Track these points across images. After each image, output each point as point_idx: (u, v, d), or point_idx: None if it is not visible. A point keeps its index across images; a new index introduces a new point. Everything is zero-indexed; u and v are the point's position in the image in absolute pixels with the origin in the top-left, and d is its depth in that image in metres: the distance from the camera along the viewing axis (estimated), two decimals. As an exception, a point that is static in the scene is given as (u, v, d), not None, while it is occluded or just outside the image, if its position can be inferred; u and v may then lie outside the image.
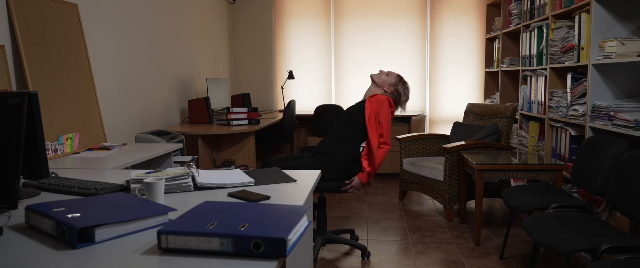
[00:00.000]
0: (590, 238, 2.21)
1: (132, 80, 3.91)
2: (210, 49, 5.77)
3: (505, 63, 5.30)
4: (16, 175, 1.37)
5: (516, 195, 3.07)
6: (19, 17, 2.65)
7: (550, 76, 4.01)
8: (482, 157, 3.58)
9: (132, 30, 3.91)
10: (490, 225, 4.00)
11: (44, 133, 2.64)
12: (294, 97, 6.54)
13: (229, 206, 1.35)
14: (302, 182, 1.93)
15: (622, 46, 3.01)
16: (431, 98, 6.43)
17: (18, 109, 1.40)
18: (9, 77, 2.57)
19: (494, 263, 3.21)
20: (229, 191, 1.79)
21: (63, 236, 1.23)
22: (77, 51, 3.12)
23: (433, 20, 6.34)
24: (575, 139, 3.61)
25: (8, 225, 1.39)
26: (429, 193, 4.33)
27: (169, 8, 4.60)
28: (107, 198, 1.47)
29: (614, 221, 2.94)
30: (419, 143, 4.82)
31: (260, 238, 1.10)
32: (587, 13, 3.35)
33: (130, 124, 3.87)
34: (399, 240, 3.66)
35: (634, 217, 2.39)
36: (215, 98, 5.05)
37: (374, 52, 6.43)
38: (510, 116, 4.34)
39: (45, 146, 1.59)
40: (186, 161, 3.62)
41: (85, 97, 3.14)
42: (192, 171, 1.86)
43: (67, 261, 1.12)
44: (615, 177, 2.55)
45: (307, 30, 6.49)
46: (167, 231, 1.15)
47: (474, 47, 6.32)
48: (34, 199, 1.69)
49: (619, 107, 3.04)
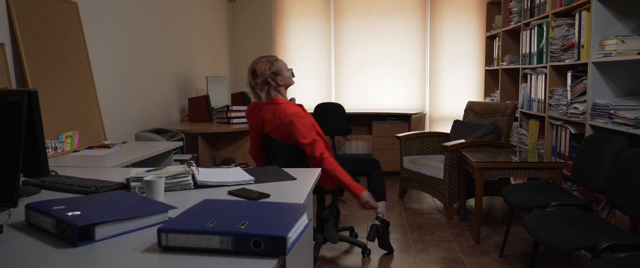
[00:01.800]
0: (590, 237, 2.22)
1: (132, 78, 3.91)
2: (210, 47, 5.77)
3: (505, 61, 5.30)
4: (16, 173, 1.37)
5: (516, 193, 3.07)
6: (18, 15, 2.65)
7: (551, 74, 4.00)
8: (482, 155, 3.58)
9: (132, 28, 3.90)
10: (490, 224, 4.00)
11: (44, 131, 2.65)
12: (294, 95, 6.54)
13: (229, 204, 1.35)
14: (302, 180, 1.93)
15: (623, 44, 3.01)
16: (431, 96, 6.43)
17: (18, 107, 1.40)
18: (8, 75, 2.57)
19: (493, 261, 3.21)
20: (229, 189, 1.79)
21: (63, 234, 1.23)
22: (77, 49, 3.11)
23: (433, 18, 6.34)
24: (575, 137, 3.61)
25: (8, 224, 1.39)
26: (429, 191, 4.33)
27: (168, 6, 4.60)
28: (107, 196, 1.47)
29: (614, 219, 2.94)
30: (419, 142, 4.82)
31: (260, 237, 1.10)
32: (588, 11, 3.34)
33: (130, 122, 3.87)
34: (398, 239, 3.66)
35: (633, 215, 2.39)
36: (215, 96, 5.05)
37: (374, 50, 6.42)
38: (510, 114, 4.34)
39: (45, 144, 1.59)
40: (186, 159, 3.62)
41: (85, 95, 3.14)
42: (192, 169, 1.86)
43: (67, 259, 1.12)
44: (615, 175, 2.55)
45: (307, 28, 6.49)
46: (167, 229, 1.15)
47: (474, 45, 6.31)
48: (34, 197, 1.69)
49: (619, 105, 3.04)
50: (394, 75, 6.44)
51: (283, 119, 2.79)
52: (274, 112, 2.84)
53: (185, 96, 4.99)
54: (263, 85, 2.84)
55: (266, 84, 2.85)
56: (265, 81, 2.84)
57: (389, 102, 6.48)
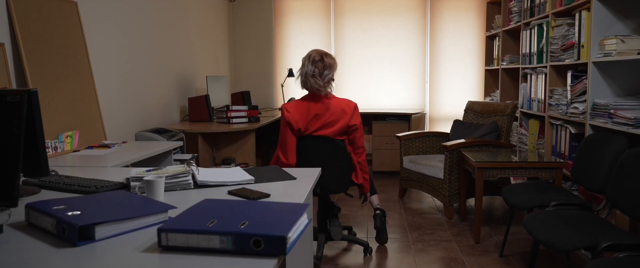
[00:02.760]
0: (590, 236, 2.22)
1: (132, 78, 3.91)
2: (210, 47, 5.77)
3: (505, 61, 5.30)
4: (16, 173, 1.37)
5: (516, 193, 3.07)
6: (18, 15, 2.65)
7: (551, 74, 4.00)
8: (482, 155, 3.58)
9: (132, 28, 3.90)
10: (490, 223, 4.00)
11: (44, 131, 2.65)
12: (294, 95, 6.54)
13: (229, 204, 1.35)
14: (302, 180, 1.93)
15: (623, 44, 3.01)
16: (431, 96, 6.43)
17: (18, 107, 1.40)
18: (8, 75, 2.57)
19: (493, 261, 3.21)
20: (229, 189, 1.79)
21: (63, 234, 1.23)
22: (76, 49, 3.11)
23: (433, 18, 6.34)
24: (575, 137, 3.61)
25: (8, 223, 1.39)
26: (429, 191, 4.33)
27: (168, 6, 4.60)
28: (107, 196, 1.47)
29: (614, 219, 2.94)
30: (419, 141, 4.82)
31: (260, 236, 1.10)
32: (588, 11, 3.34)
33: (130, 122, 3.87)
34: (398, 238, 3.66)
35: (633, 215, 2.39)
36: (215, 96, 5.05)
37: (374, 50, 6.42)
38: (510, 114, 4.34)
39: (45, 144, 1.59)
40: (186, 159, 3.62)
41: (85, 95, 3.14)
42: (192, 169, 1.86)
43: (68, 259, 1.12)
44: (615, 175, 2.55)
45: (307, 28, 6.49)
46: (167, 229, 1.15)
47: (474, 45, 6.31)
48: (34, 197, 1.69)
49: (619, 105, 3.04)
50: (394, 75, 6.44)
51: (348, 111, 2.97)
52: (334, 106, 2.99)
53: (185, 96, 4.99)
54: (330, 80, 3.01)
55: (332, 79, 3.02)
56: (332, 77, 3.01)
57: (389, 101, 6.48)
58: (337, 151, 3.01)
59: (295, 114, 2.98)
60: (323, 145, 2.99)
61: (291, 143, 2.99)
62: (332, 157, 3.01)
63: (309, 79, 2.97)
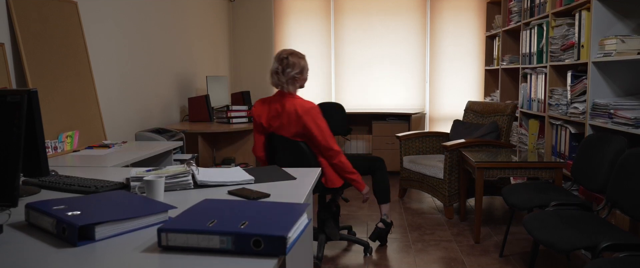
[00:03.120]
0: (590, 236, 2.22)
1: (132, 78, 3.91)
2: (210, 47, 5.76)
3: (505, 61, 5.30)
4: (16, 173, 1.37)
5: (516, 193, 3.07)
6: (18, 15, 2.65)
7: (550, 74, 4.00)
8: (482, 155, 3.58)
9: (132, 28, 3.90)
10: (490, 223, 4.00)
11: (44, 131, 2.65)
12: (294, 95, 6.53)
13: (229, 204, 1.35)
14: (302, 180, 1.93)
15: (622, 44, 3.01)
16: (431, 96, 6.43)
17: (18, 107, 1.40)
18: (8, 75, 2.57)
19: (493, 261, 3.21)
20: (229, 189, 1.79)
21: (63, 234, 1.23)
22: (76, 49, 3.11)
23: (433, 18, 6.34)
24: (575, 137, 3.61)
25: (8, 223, 1.39)
26: (429, 191, 4.33)
27: (168, 6, 4.60)
28: (107, 196, 1.47)
29: (614, 219, 2.94)
30: (419, 141, 4.82)
31: (260, 236, 1.10)
32: (588, 11, 3.34)
33: (130, 122, 3.87)
34: (398, 238, 3.66)
35: (633, 215, 2.39)
36: (215, 96, 5.05)
37: (374, 50, 6.42)
38: (510, 114, 4.34)
39: (45, 144, 1.59)
40: (186, 159, 3.62)
41: (85, 95, 3.14)
42: (192, 169, 1.86)
43: (68, 259, 1.12)
44: (615, 175, 2.55)
45: (307, 28, 6.49)
46: (167, 229, 1.15)
47: (474, 45, 6.31)
48: (34, 197, 1.69)
49: (619, 105, 3.04)
50: (394, 75, 6.44)
51: (299, 112, 2.87)
52: (288, 106, 2.91)
53: (185, 96, 4.99)
54: (291, 78, 2.94)
55: (294, 77, 2.95)
56: (294, 76, 2.95)
57: (389, 101, 6.48)
58: (300, 153, 2.94)
59: (259, 107, 3.05)
60: (285, 145, 2.97)
61: (257, 136, 3.10)
62: (297, 158, 2.96)
63: (272, 75, 3.01)
